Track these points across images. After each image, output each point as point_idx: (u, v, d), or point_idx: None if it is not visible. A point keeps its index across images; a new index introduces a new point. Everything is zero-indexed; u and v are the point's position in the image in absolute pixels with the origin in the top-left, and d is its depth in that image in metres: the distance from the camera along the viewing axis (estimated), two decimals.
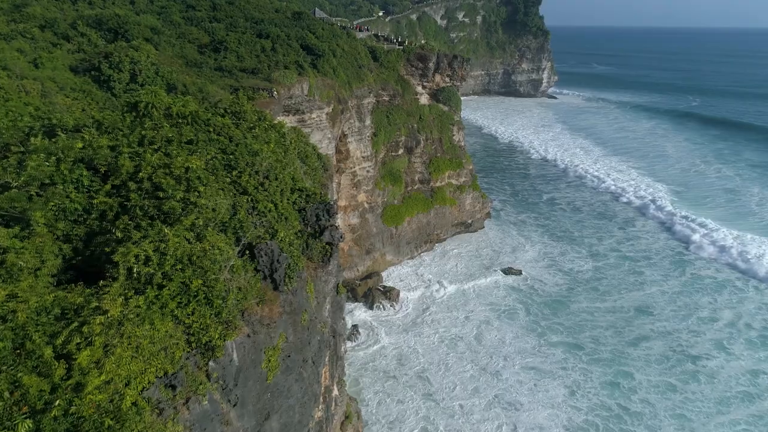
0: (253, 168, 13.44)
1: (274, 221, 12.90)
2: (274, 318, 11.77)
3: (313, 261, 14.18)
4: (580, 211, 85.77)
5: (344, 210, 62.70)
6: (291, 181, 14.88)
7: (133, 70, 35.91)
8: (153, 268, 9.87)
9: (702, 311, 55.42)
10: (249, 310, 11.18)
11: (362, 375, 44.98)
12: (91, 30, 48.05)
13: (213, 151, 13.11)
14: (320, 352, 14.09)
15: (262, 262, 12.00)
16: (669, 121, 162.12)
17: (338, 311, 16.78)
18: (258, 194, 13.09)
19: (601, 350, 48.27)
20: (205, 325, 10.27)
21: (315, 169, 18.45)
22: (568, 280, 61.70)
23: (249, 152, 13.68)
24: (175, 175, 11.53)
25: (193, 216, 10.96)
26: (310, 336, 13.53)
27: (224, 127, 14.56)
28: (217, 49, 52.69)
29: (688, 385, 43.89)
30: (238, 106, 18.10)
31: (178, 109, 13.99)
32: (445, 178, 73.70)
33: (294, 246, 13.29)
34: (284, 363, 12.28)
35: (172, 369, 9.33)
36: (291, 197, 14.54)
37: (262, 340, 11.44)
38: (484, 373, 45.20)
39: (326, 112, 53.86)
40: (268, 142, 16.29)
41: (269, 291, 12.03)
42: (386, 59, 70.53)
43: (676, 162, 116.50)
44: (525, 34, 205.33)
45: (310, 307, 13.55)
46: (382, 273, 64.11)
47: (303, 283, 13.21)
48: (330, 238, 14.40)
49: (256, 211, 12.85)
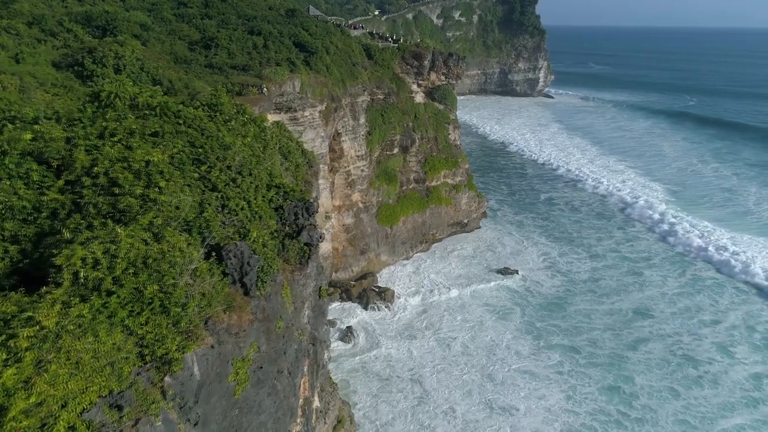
0: (225, 163, 12.42)
1: (246, 220, 11.88)
2: (243, 326, 10.76)
3: (290, 263, 13.15)
4: (578, 211, 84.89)
5: (338, 210, 61.75)
6: (268, 177, 13.86)
7: (117, 65, 34.83)
8: (102, 272, 8.86)
9: (703, 314, 54.32)
10: (214, 318, 10.15)
11: (355, 378, 44.00)
12: (78, 26, 47.04)
13: (180, 144, 12.07)
14: (298, 362, 13.06)
15: (231, 264, 10.97)
16: (666, 120, 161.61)
17: (320, 317, 15.75)
18: (229, 191, 12.06)
19: (599, 354, 47.20)
20: (160, 336, 9.23)
21: (298, 166, 17.42)
22: (565, 281, 60.73)
23: (220, 146, 12.65)
24: (134, 169, 10.48)
25: (152, 214, 9.92)
26: (286, 345, 12.51)
27: (196, 119, 13.54)
28: (207, 45, 51.69)
29: (690, 390, 42.69)
30: (215, 98, 17.10)
31: (145, 100, 12.96)
32: (440, 178, 72.76)
33: (268, 247, 12.26)
34: (255, 375, 11.26)
35: (119, 386, 8.29)
36: (267, 194, 13.51)
37: (230, 351, 10.41)
38: (478, 376, 44.18)
39: (319, 110, 52.84)
40: (245, 136, 15.27)
41: (239, 296, 11.02)
42: (381, 57, 69.60)
43: (673, 161, 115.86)
44: (521, 34, 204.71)
45: (286, 314, 12.53)
46: (378, 274, 63.15)
47: (278, 287, 12.19)
48: (308, 238, 13.37)
49: (226, 209, 11.83)
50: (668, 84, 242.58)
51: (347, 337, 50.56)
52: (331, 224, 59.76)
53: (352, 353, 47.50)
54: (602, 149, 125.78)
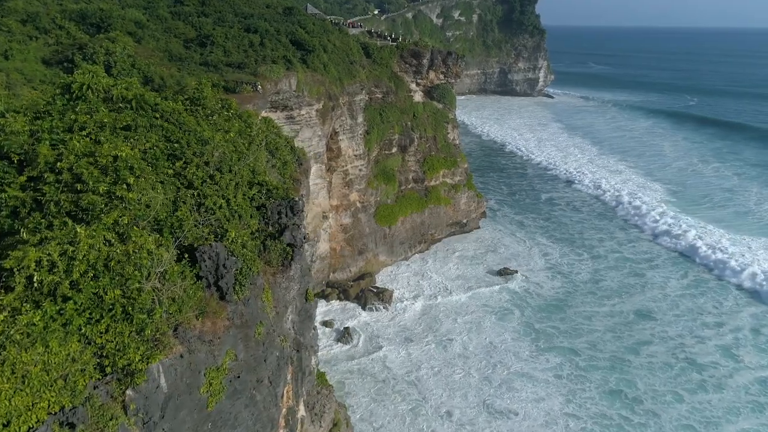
0: (203, 158, 11.70)
1: (224, 219, 11.16)
2: (218, 333, 10.04)
3: (272, 265, 12.43)
4: (579, 212, 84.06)
5: (336, 209, 61.11)
6: (250, 174, 13.14)
7: (108, 61, 34.14)
8: (58, 276, 8.15)
9: (706, 316, 53.31)
10: (185, 325, 9.43)
11: (352, 379, 43.32)
12: (71, 23, 46.48)
13: (155, 138, 11.35)
14: (280, 370, 12.33)
15: (205, 267, 10.24)
16: (666, 120, 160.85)
17: (307, 321, 15.01)
18: (206, 188, 11.33)
19: (600, 356, 46.27)
20: (122, 345, 8.49)
21: (286, 163, 16.70)
22: (566, 282, 59.90)
23: (198, 141, 11.94)
24: (100, 165, 9.76)
25: (117, 213, 9.20)
26: (267, 352, 11.78)
27: (174, 112, 12.83)
28: (203, 43, 51.13)
29: (695, 394, 41.66)
30: (198, 92, 16.39)
31: (120, 92, 12.24)
32: (439, 177, 72.05)
33: (248, 248, 11.53)
34: (231, 386, 10.53)
35: (73, 402, 7.58)
36: (249, 192, 12.78)
37: (202, 360, 9.69)
38: (476, 378, 43.41)
39: (316, 108, 52.19)
40: (227, 131, 14.56)
41: (214, 301, 10.30)
42: (379, 56, 68.91)
43: (674, 161, 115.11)
44: (521, 33, 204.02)
45: (267, 319, 11.81)
46: (376, 274, 62.47)
47: (258, 290, 11.46)
48: (291, 238, 12.64)
49: (203, 208, 11.11)
50: (669, 84, 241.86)
51: (345, 338, 49.94)
52: (329, 224, 59.11)
53: (350, 355, 46.82)
54: (603, 149, 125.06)
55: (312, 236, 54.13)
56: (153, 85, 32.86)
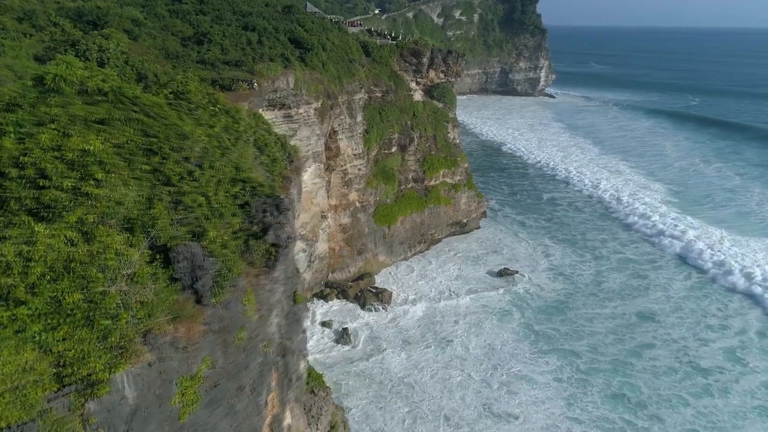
0: (181, 154, 11.08)
1: (203, 218, 10.54)
2: (193, 338, 9.40)
3: (255, 266, 11.80)
4: (581, 212, 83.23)
5: (335, 209, 60.53)
6: (234, 171, 12.51)
7: (101, 58, 33.52)
8: (14, 278, 7.53)
9: (710, 318, 52.41)
10: (156, 331, 8.80)
11: (350, 381, 42.71)
12: (67, 21, 46.01)
13: (130, 132, 10.73)
14: (262, 377, 11.69)
15: (180, 268, 9.61)
16: (668, 120, 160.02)
17: (294, 324, 14.35)
18: (184, 185, 10.71)
19: (601, 359, 45.46)
20: (83, 354, 7.87)
21: (275, 160, 16.06)
22: (567, 283, 59.12)
23: (177, 135, 11.31)
24: (67, 159, 9.16)
25: (82, 210, 8.58)
26: (249, 358, 11.14)
27: (154, 106, 12.20)
28: (200, 41, 50.61)
29: (700, 399, 40.79)
30: (183, 86, 15.78)
31: (96, 84, 11.61)
32: (439, 177, 71.38)
33: (229, 248, 10.91)
34: (208, 395, 9.89)
35: (24, 416, 6.96)
36: (232, 189, 12.14)
37: (174, 368, 9.05)
38: (475, 381, 42.71)
39: (314, 107, 51.57)
40: (212, 126, 13.93)
41: (190, 305, 9.68)
42: (379, 54, 68.28)
43: (675, 161, 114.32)
44: (522, 33, 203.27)
45: (248, 323, 11.17)
46: (375, 274, 61.87)
47: (239, 293, 10.83)
48: (275, 238, 11.99)
49: (181, 206, 10.48)
50: (670, 84, 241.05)
51: (344, 339, 49.42)
52: (328, 224, 58.53)
53: (348, 356, 46.23)
54: (604, 149, 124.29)
55: (310, 236, 53.54)
56: (146, 82, 32.28)
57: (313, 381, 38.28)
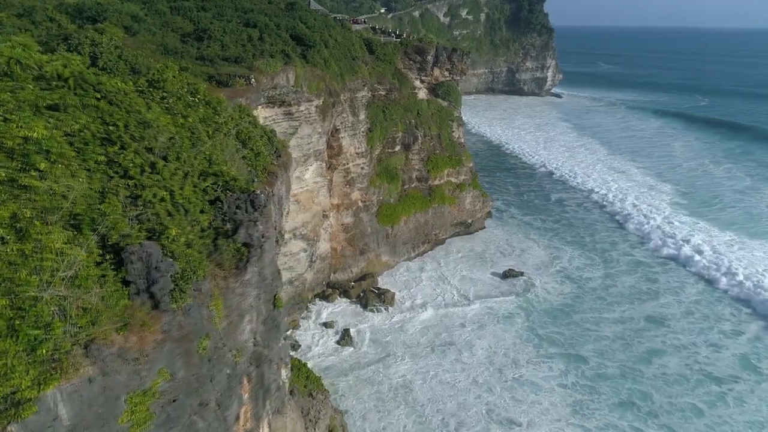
0: (143, 144, 10.10)
1: (164, 214, 9.55)
2: (147, 348, 8.41)
3: (224, 268, 10.81)
4: (590, 213, 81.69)
5: (337, 208, 59.65)
6: (206, 164, 11.52)
7: (94, 52, 32.70)
8: None
9: (723, 323, 50.77)
10: (100, 341, 7.82)
11: (348, 383, 41.75)
12: (63, 16, 45.42)
13: (86, 119, 9.76)
14: (230, 390, 10.68)
15: (134, 270, 8.62)
16: (677, 120, 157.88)
17: (273, 331, 13.30)
18: (144, 178, 9.72)
19: (608, 365, 44.07)
20: (6, 369, 6.91)
21: (259, 154, 15.07)
22: (574, 286, 57.70)
23: (139, 123, 10.33)
24: (7, 147, 8.21)
25: (15, 205, 7.63)
26: (214, 369, 10.13)
27: (119, 93, 11.24)
28: (200, 38, 49.83)
29: (714, 408, 39.20)
30: (159, 74, 14.85)
31: (56, 69, 10.67)
32: (444, 176, 70.27)
33: (194, 248, 9.91)
34: (164, 412, 8.90)
35: None
36: (201, 184, 11.14)
37: (122, 383, 8.07)
38: (476, 385, 41.54)
39: (316, 104, 50.64)
40: (186, 116, 12.96)
41: (144, 311, 8.71)
42: (382, 52, 67.27)
43: (684, 161, 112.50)
44: (529, 32, 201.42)
45: (214, 330, 10.17)
46: (378, 275, 60.93)
47: (205, 297, 9.83)
48: (247, 237, 10.96)
49: (140, 201, 9.51)
50: (679, 84, 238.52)
51: (344, 341, 48.60)
52: (330, 223, 57.68)
53: (348, 358, 45.31)
54: (612, 149, 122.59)
55: (312, 236, 52.59)
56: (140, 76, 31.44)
57: (311, 384, 37.26)
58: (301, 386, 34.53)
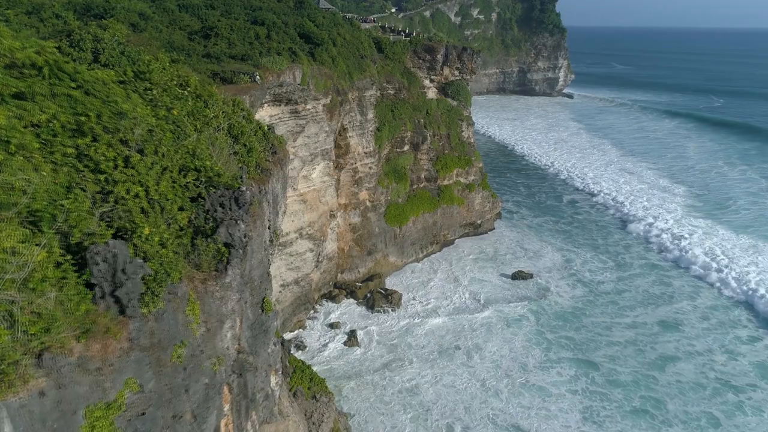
0: (117, 135, 9.41)
1: (137, 212, 8.85)
2: (111, 357, 7.71)
3: (203, 270, 10.08)
4: (603, 215, 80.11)
5: (344, 208, 59.05)
6: (189, 158, 10.81)
7: (96, 48, 32.34)
8: None
9: (740, 329, 49.18)
10: (56, 349, 7.12)
11: (351, 384, 41.06)
12: (69, 13, 45.39)
13: (54, 109, 9.08)
14: (208, 401, 9.95)
15: (98, 271, 7.92)
16: (691, 121, 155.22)
17: (262, 336, 12.54)
18: (117, 173, 9.03)
19: (620, 371, 42.75)
20: None
21: (251, 150, 14.37)
22: (585, 290, 56.34)
23: (113, 113, 9.64)
24: None
25: None
26: (190, 379, 9.41)
27: (97, 82, 10.58)
28: (207, 35, 49.51)
29: (733, 417, 37.70)
30: (145, 65, 14.23)
31: (28, 57, 10.04)
32: (453, 176, 69.34)
33: (169, 248, 9.20)
34: (131, 426, 8.19)
35: None
36: (181, 179, 10.42)
37: (82, 395, 7.35)
38: (482, 390, 40.54)
39: (323, 103, 50.03)
40: (170, 109, 12.29)
41: (108, 317, 8.00)
42: (391, 51, 66.53)
43: (698, 163, 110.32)
44: (541, 32, 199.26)
45: (191, 337, 9.45)
46: (386, 276, 60.24)
47: (180, 302, 9.11)
48: (228, 237, 10.21)
49: (112, 197, 8.81)
50: (694, 84, 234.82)
51: (350, 342, 47.99)
52: (337, 223, 57.09)
53: (354, 359, 44.60)
54: (625, 151, 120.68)
55: (318, 235, 51.99)
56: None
57: (315, 386, 36.54)
58: (304, 388, 33.91)
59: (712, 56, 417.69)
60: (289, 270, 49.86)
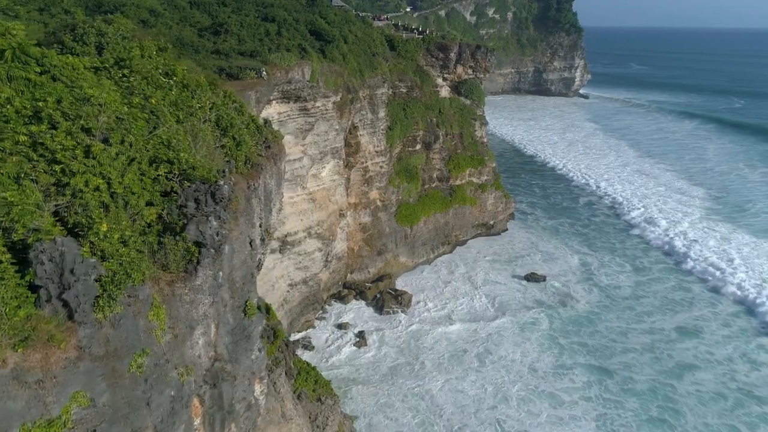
0: (78, 123, 8.61)
1: (96, 206, 8.02)
2: (54, 368, 6.89)
3: (171, 270, 9.23)
4: (620, 218, 77.99)
5: (354, 207, 58.31)
6: (164, 149, 9.97)
7: (100, 42, 31.94)
8: None
9: (763, 338, 47.03)
10: None
11: (357, 386, 40.21)
12: (79, 9, 45.38)
13: (9, 92, 8.31)
14: (173, 415, 9.08)
15: (43, 272, 7.11)
16: (710, 123, 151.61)
17: (243, 342, 11.62)
18: (76, 163, 8.21)
19: (637, 379, 41.14)
20: None
21: (241, 143, 13.53)
22: (602, 294, 54.65)
23: (76, 99, 8.85)
24: None
25: None
26: (152, 391, 8.56)
27: (66, 67, 9.82)
28: (217, 32, 49.16)
29: (756, 430, 35.91)
30: (126, 52, 13.49)
31: None
32: (465, 176, 68.14)
33: (131, 246, 8.36)
34: None
35: None
36: (151, 172, 9.59)
37: (17, 411, 6.55)
38: (491, 395, 39.32)
39: (333, 101, 49.26)
40: (148, 97, 11.48)
41: (52, 323, 7.18)
42: (404, 48, 65.56)
43: (716, 165, 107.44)
44: (557, 31, 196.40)
45: (155, 345, 8.59)
46: (396, 276, 59.35)
47: (143, 305, 8.27)
48: (198, 235, 9.33)
49: (69, 189, 8.00)
50: (713, 85, 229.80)
51: (358, 343, 47.25)
52: (347, 222, 56.33)
53: (361, 360, 43.73)
54: (642, 152, 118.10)
55: (328, 235, 51.22)
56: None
57: (320, 388, 35.72)
58: (309, 390, 33.21)
59: (726, 56, 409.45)
60: (298, 269, 49.17)
